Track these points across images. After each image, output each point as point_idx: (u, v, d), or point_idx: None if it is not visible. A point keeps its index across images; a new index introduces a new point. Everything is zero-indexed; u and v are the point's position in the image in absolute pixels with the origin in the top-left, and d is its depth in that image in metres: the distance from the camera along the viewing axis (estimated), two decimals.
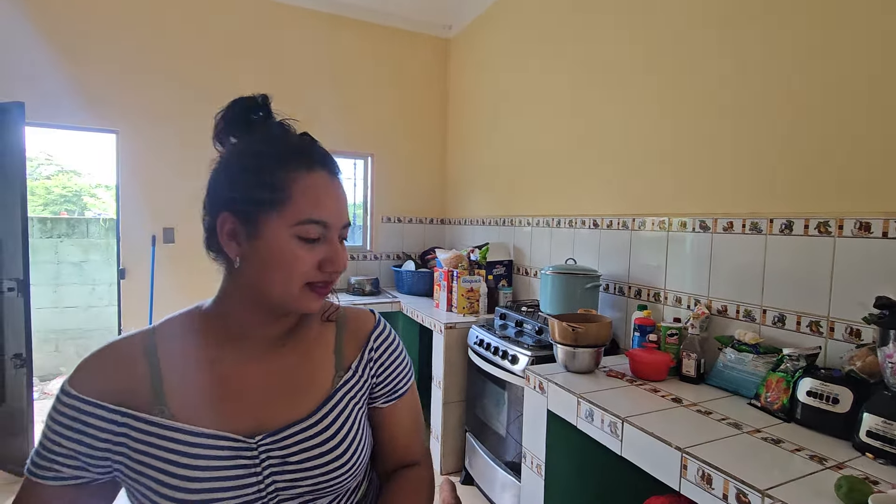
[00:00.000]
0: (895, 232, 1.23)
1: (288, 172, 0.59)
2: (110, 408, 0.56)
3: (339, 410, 0.64)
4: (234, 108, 0.66)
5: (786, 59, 1.49)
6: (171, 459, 0.56)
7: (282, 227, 0.58)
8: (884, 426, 1.09)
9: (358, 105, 3.68)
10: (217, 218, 0.61)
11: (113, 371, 0.58)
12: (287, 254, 0.58)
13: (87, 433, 0.55)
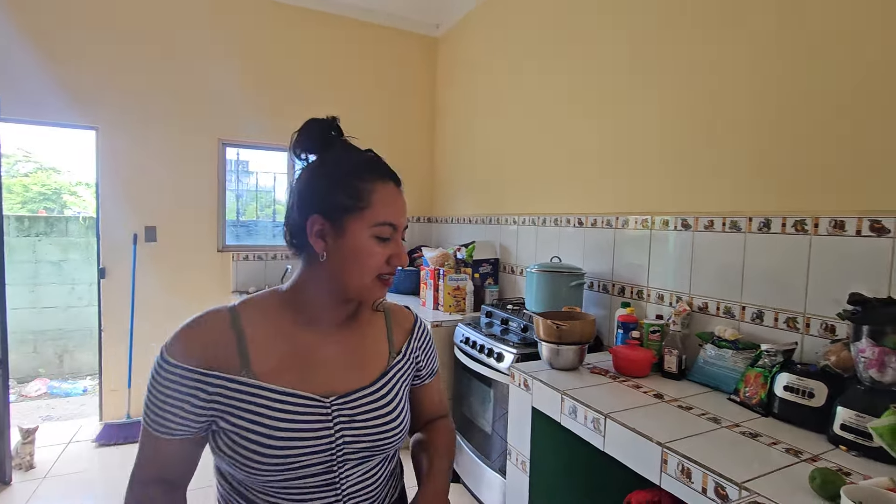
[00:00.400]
0: (868, 230, 1.27)
1: (367, 183, 0.72)
2: (204, 373, 0.67)
3: (393, 383, 0.79)
4: (312, 127, 0.78)
5: (765, 62, 1.52)
6: (259, 413, 0.67)
7: (363, 229, 0.71)
8: (856, 419, 1.12)
9: (345, 103, 3.65)
10: (307, 219, 0.72)
11: (204, 341, 0.69)
12: (365, 250, 0.71)
13: (187, 396, 0.66)
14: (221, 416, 0.68)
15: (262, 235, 3.67)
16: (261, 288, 3.40)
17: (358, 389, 0.75)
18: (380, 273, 0.73)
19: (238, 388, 0.68)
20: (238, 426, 0.67)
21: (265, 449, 0.66)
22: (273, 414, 0.68)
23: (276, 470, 0.67)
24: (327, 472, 0.71)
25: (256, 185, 3.70)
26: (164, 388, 0.67)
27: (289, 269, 3.43)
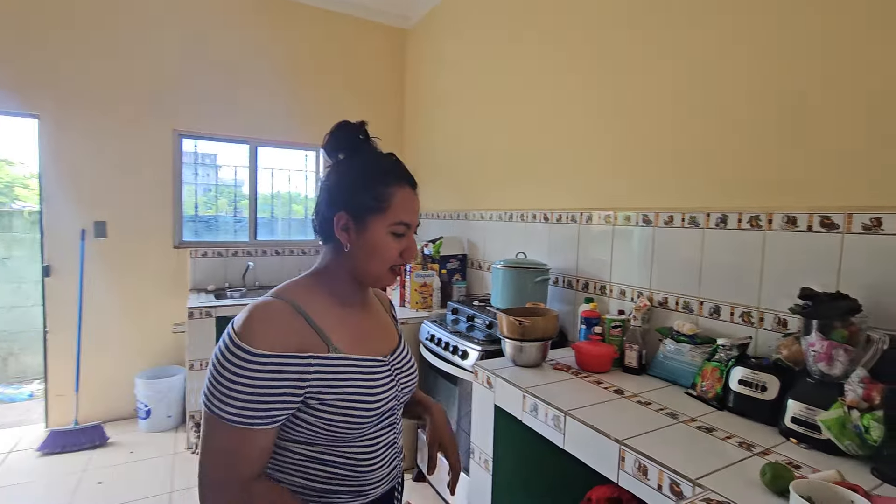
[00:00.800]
0: (819, 226, 1.29)
1: (389, 187, 0.81)
2: (300, 356, 0.73)
3: (405, 342, 0.98)
4: (342, 130, 0.86)
5: (722, 62, 1.53)
6: (356, 381, 0.78)
7: (382, 227, 0.81)
8: (806, 412, 1.14)
9: (309, 95, 3.55)
10: (335, 215, 0.81)
11: (285, 329, 0.74)
12: (383, 245, 0.81)
13: (289, 382, 0.71)
14: (319, 391, 0.74)
15: (223, 231, 3.53)
16: (221, 286, 3.28)
17: (395, 349, 0.91)
18: (393, 264, 0.83)
19: (332, 363, 0.76)
20: (340, 396, 0.76)
21: (368, 408, 0.78)
22: (365, 378, 0.79)
23: (373, 422, 0.81)
24: (392, 415, 0.86)
25: (226, 180, 3.56)
26: (260, 381, 0.70)
27: (250, 265, 3.31)
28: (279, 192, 3.72)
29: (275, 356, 0.71)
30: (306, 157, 3.71)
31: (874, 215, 1.19)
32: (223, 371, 0.70)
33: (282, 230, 3.74)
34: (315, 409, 0.74)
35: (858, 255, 1.22)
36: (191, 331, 2.70)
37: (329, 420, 0.75)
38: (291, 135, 3.54)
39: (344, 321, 0.83)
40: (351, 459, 0.80)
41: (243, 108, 3.33)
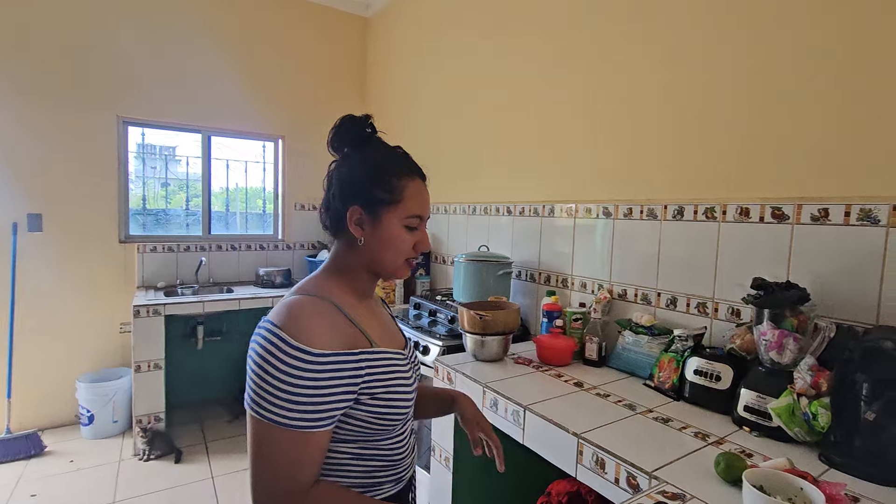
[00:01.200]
0: (770, 216, 1.31)
1: (401, 180, 0.81)
2: (353, 353, 0.73)
3: None
4: (348, 124, 0.84)
5: (675, 59, 1.53)
6: (396, 374, 0.78)
7: (396, 220, 0.80)
8: (758, 400, 1.16)
9: (266, 84, 3.40)
10: (347, 210, 0.80)
11: (334, 327, 0.73)
12: (397, 238, 0.81)
13: (347, 379, 0.71)
14: (371, 386, 0.74)
15: (174, 225, 3.35)
16: (172, 283, 3.11)
17: (406, 343, 0.92)
18: (407, 257, 0.83)
19: (377, 358, 0.76)
20: (387, 388, 0.76)
21: (408, 398, 0.80)
22: (402, 370, 0.80)
23: (408, 415, 0.82)
24: (412, 403, 0.84)
25: (179, 173, 3.37)
26: (322, 381, 0.68)
27: (203, 261, 3.15)
28: (237, 185, 3.56)
29: (333, 354, 0.70)
30: (264, 147, 3.56)
31: (822, 206, 1.21)
32: (278, 374, 0.66)
33: (239, 224, 3.59)
34: (366, 404, 0.75)
35: (807, 245, 1.24)
36: (137, 330, 2.54)
37: (378, 413, 0.76)
38: (248, 124, 3.38)
39: (369, 315, 0.83)
40: (391, 451, 0.81)
41: (195, 94, 3.16)
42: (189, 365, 3.22)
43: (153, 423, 2.60)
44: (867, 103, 1.14)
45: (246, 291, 3.03)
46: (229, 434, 2.86)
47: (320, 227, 3.26)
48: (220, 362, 3.33)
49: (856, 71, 1.16)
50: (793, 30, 1.27)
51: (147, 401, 2.58)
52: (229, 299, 2.84)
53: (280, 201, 3.58)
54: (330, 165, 0.86)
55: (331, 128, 0.85)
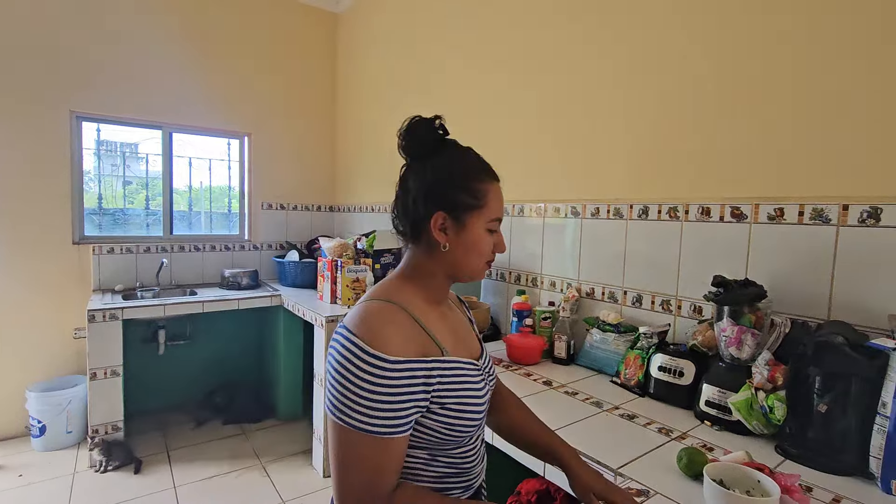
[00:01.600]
0: (730, 216, 1.35)
1: (483, 183, 0.81)
2: (425, 360, 0.72)
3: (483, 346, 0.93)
4: (421, 127, 0.82)
5: (642, 65, 1.56)
6: (466, 384, 0.77)
7: (480, 224, 0.81)
8: (719, 395, 1.19)
9: (231, 79, 3.30)
10: (431, 216, 0.79)
11: (407, 334, 0.73)
12: (481, 242, 0.81)
13: (420, 386, 0.70)
14: (441, 395, 0.74)
15: (134, 225, 3.21)
16: (132, 286, 2.98)
17: (482, 352, 0.89)
18: (489, 259, 0.84)
19: (448, 366, 0.75)
20: (458, 399, 0.75)
21: (479, 409, 0.78)
22: (472, 382, 0.78)
23: (479, 424, 0.81)
24: (483, 415, 0.83)
25: (139, 171, 3.23)
26: (398, 387, 0.68)
27: (164, 262, 3.03)
28: (202, 184, 3.44)
29: (407, 361, 0.70)
30: (229, 144, 3.45)
31: (777, 206, 1.25)
32: (358, 381, 0.67)
33: (204, 224, 3.47)
34: (436, 413, 0.74)
35: (764, 244, 1.28)
36: (92, 336, 2.42)
37: (448, 424, 0.75)
38: (212, 120, 3.27)
39: (441, 322, 0.82)
40: (462, 459, 0.81)
41: (154, 89, 3.03)
42: (150, 370, 3.09)
43: (111, 432, 2.48)
44: (817, 108, 1.18)
45: (210, 293, 2.93)
46: (193, 441, 2.76)
47: (286, 227, 3.19)
48: (183, 367, 3.21)
49: (808, 78, 1.20)
50: (749, 37, 1.30)
51: (104, 409, 2.46)
52: (192, 302, 2.74)
53: (246, 200, 3.48)
54: (402, 169, 0.85)
55: (399, 131, 0.83)
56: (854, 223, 1.12)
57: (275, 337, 3.14)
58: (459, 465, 0.80)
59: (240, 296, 2.89)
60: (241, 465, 2.52)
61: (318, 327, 2.43)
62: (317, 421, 2.46)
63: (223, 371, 3.32)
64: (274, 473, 2.45)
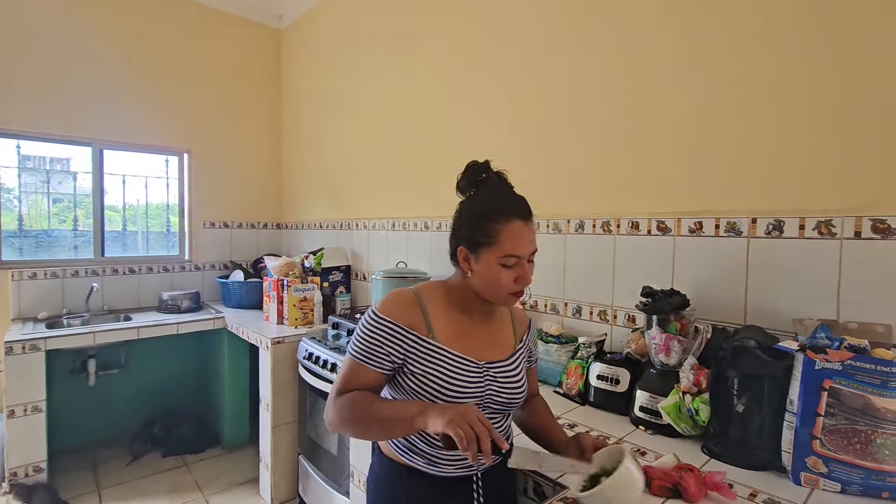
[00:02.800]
0: (656, 229, 1.43)
1: (498, 224, 0.91)
2: (407, 330, 0.93)
3: (517, 361, 1.02)
4: (471, 169, 0.99)
5: (578, 81, 1.64)
6: (439, 366, 0.92)
7: (492, 259, 0.92)
8: (650, 400, 1.25)
9: (169, 95, 3.17)
10: (458, 247, 0.97)
11: (405, 309, 0.94)
12: (494, 275, 0.92)
13: (393, 342, 0.92)
14: (412, 363, 0.92)
15: (60, 248, 3.00)
16: (58, 314, 2.77)
17: (499, 360, 0.99)
18: (509, 291, 0.93)
19: (426, 346, 0.93)
20: (424, 372, 0.92)
21: (444, 393, 0.91)
22: (448, 368, 0.92)
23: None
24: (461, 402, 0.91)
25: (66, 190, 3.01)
26: (377, 334, 0.92)
27: (95, 287, 2.83)
28: (138, 202, 3.26)
29: (387, 320, 0.92)
30: (167, 161, 3.30)
31: (697, 219, 1.34)
32: (360, 327, 0.94)
33: (141, 245, 3.29)
34: (406, 376, 0.93)
35: (686, 255, 1.37)
36: (10, 370, 2.22)
37: (413, 390, 0.92)
38: (149, 137, 3.13)
39: (453, 321, 0.97)
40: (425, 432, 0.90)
41: (82, 103, 2.86)
42: (79, 403, 2.87)
43: (32, 474, 2.27)
44: (727, 128, 1.29)
45: (147, 318, 2.77)
46: (128, 478, 2.57)
47: (231, 246, 3.07)
48: (117, 398, 3.00)
49: (717, 99, 1.31)
50: (673, 64, 1.41)
51: (23, 450, 2.25)
52: (126, 328, 2.57)
53: (187, 219, 3.33)
54: (458, 206, 1.01)
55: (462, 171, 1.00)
56: (762, 235, 1.23)
57: (218, 361, 3.00)
58: (423, 435, 0.94)
59: (179, 319, 2.74)
60: (180, 499, 2.38)
61: (263, 349, 2.34)
62: (263, 448, 2.36)
63: (162, 400, 3.13)
64: None
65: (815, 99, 1.14)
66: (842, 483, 0.95)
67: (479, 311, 1.01)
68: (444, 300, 0.99)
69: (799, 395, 0.98)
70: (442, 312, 0.97)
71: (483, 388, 0.94)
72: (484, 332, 1.01)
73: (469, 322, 1.00)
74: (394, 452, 1.00)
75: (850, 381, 0.94)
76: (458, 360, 0.93)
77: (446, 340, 0.95)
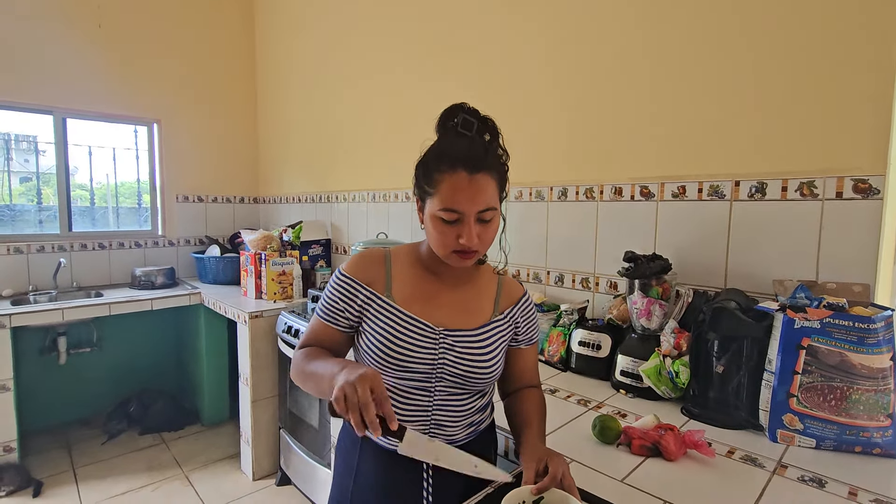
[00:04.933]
0: (639, 195, 1.41)
1: (440, 174, 0.82)
2: (363, 286, 0.90)
3: (490, 335, 0.93)
4: (446, 111, 0.91)
5: (561, 50, 1.59)
6: (390, 326, 0.87)
7: (432, 211, 0.83)
8: (631, 364, 1.25)
9: (137, 61, 3.01)
10: (415, 196, 0.90)
11: (367, 266, 0.92)
12: (433, 229, 0.84)
13: (348, 298, 0.90)
14: (366, 320, 0.89)
15: (23, 222, 2.86)
16: (23, 290, 2.66)
17: (462, 329, 0.90)
18: (454, 249, 0.84)
19: (380, 304, 0.89)
20: (374, 331, 0.88)
21: (391, 353, 0.86)
22: (398, 329, 0.87)
23: (392, 367, 0.87)
24: (426, 381, 0.89)
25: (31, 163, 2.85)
26: (335, 291, 0.90)
27: (62, 262, 2.73)
28: (107, 177, 3.12)
29: (347, 277, 0.90)
30: (136, 132, 3.16)
31: (680, 183, 1.33)
32: (329, 281, 0.93)
33: (112, 221, 3.16)
34: (361, 335, 0.91)
35: (669, 220, 1.36)
36: None
37: (365, 350, 0.89)
38: (116, 105, 2.97)
39: (417, 281, 0.92)
40: (395, 389, 0.89)
41: (42, 68, 2.70)
42: (50, 382, 2.79)
43: (2, 454, 2.21)
44: (710, 94, 1.26)
45: (119, 294, 2.68)
46: (104, 456, 2.53)
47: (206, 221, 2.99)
48: (90, 376, 2.93)
49: (700, 68, 1.28)
50: (646, 37, 1.37)
51: None
52: (97, 304, 2.49)
53: (159, 193, 3.21)
54: None
55: None
56: (744, 198, 1.22)
57: (195, 338, 2.94)
58: (395, 394, 0.89)
59: (153, 295, 2.66)
60: (159, 476, 2.34)
61: (241, 324, 2.29)
62: (244, 423, 2.33)
63: (138, 378, 3.06)
64: (198, 482, 2.30)
65: (797, 58, 1.12)
66: (816, 439, 0.96)
67: (450, 274, 0.93)
68: (412, 260, 0.93)
69: (777, 354, 0.99)
70: (406, 272, 0.91)
71: (436, 356, 0.87)
72: (452, 297, 0.93)
73: (436, 285, 0.93)
74: None
75: (828, 339, 0.94)
76: (410, 321, 0.87)
77: (402, 301, 0.89)
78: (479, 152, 0.83)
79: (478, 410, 0.95)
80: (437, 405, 0.89)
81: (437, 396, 0.89)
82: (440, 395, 0.89)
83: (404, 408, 0.89)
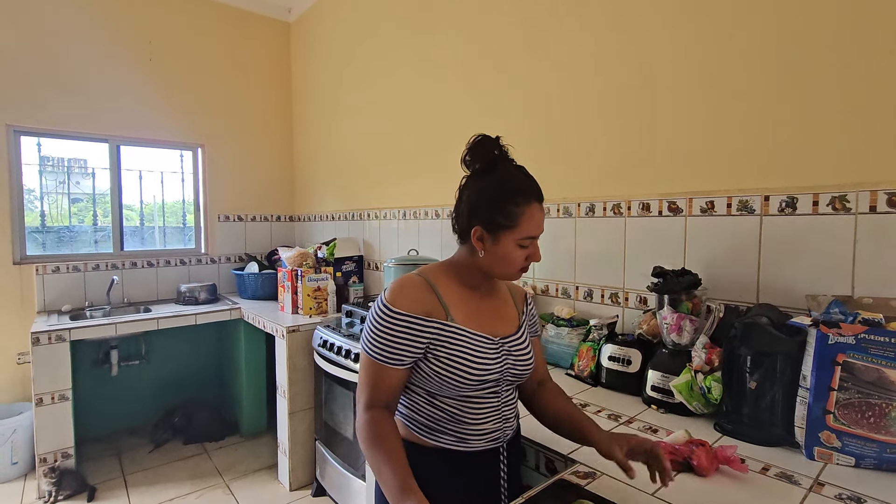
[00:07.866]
0: (667, 210, 1.43)
1: (519, 207, 0.91)
2: (425, 319, 0.90)
3: (525, 333, 1.04)
4: (480, 145, 0.98)
5: (580, 68, 1.63)
6: (463, 348, 0.91)
7: (512, 241, 0.92)
8: (662, 379, 1.25)
9: (182, 90, 3.22)
10: (471, 227, 0.94)
11: (418, 298, 0.92)
12: (511, 256, 0.93)
13: (413, 336, 0.90)
14: (435, 349, 0.91)
15: (81, 243, 3.08)
16: (80, 306, 2.86)
17: (511, 334, 1.00)
18: (520, 268, 0.95)
19: (449, 331, 0.92)
20: (448, 356, 0.91)
21: (470, 372, 0.91)
22: (470, 349, 0.92)
23: (472, 385, 0.92)
24: (494, 387, 0.96)
25: (87, 186, 3.09)
26: (395, 331, 0.89)
27: (115, 280, 2.92)
28: (154, 198, 3.33)
29: (406, 315, 0.90)
30: (182, 156, 3.36)
31: (709, 199, 1.34)
32: (373, 322, 0.91)
33: (158, 239, 3.36)
34: (431, 362, 0.92)
35: (698, 235, 1.36)
36: (37, 360, 2.29)
37: (439, 374, 0.91)
38: (163, 132, 3.18)
39: (465, 300, 0.97)
40: (455, 410, 0.95)
41: (99, 101, 2.92)
42: (103, 393, 2.96)
43: (60, 460, 2.36)
44: (738, 110, 1.27)
45: (166, 310, 2.83)
46: (151, 464, 2.65)
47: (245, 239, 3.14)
48: (139, 387, 3.09)
49: (730, 87, 1.29)
50: (673, 49, 1.39)
51: (52, 437, 2.33)
52: (146, 319, 2.64)
53: (202, 213, 3.39)
54: (462, 180, 0.99)
55: (466, 144, 0.98)
56: (775, 212, 1.21)
57: (236, 351, 3.06)
58: (453, 414, 0.95)
59: (197, 311, 2.81)
60: (202, 484, 2.44)
61: (278, 338, 2.39)
62: (281, 434, 2.42)
63: (182, 389, 3.21)
64: (238, 490, 2.39)
65: (826, 72, 1.12)
66: (855, 457, 0.94)
67: (484, 287, 1.01)
68: (453, 281, 0.98)
69: (812, 370, 0.98)
70: (453, 293, 0.96)
71: (502, 364, 0.95)
72: (490, 307, 1.01)
73: (478, 299, 1.00)
74: (419, 437, 0.97)
75: (863, 355, 0.93)
76: (478, 339, 0.93)
77: (464, 321, 0.94)
78: (537, 184, 0.96)
79: (515, 402, 1.06)
80: (503, 403, 0.99)
81: (503, 396, 0.99)
82: (504, 395, 0.99)
83: (480, 410, 0.96)
